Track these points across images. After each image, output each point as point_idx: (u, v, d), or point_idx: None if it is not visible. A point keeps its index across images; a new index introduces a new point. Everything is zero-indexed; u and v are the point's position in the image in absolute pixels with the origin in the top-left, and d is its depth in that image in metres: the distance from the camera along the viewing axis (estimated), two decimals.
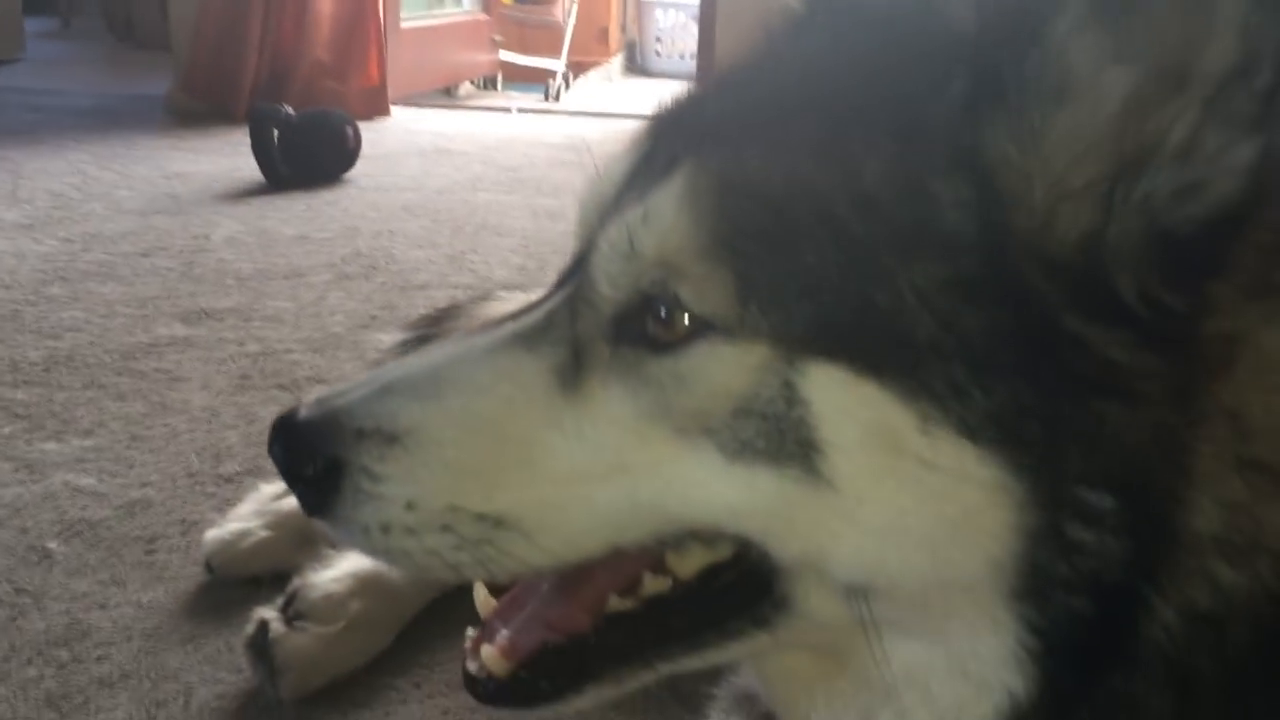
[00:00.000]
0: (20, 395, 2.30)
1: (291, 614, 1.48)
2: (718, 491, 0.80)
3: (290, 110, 4.31)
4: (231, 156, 4.71)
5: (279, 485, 1.82)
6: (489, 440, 0.85)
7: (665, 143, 0.87)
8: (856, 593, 0.81)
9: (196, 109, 5.65)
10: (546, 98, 7.94)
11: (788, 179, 0.79)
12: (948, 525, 0.76)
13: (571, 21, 8.32)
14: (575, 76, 8.55)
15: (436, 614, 1.64)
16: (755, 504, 0.80)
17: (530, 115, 6.86)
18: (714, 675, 1.32)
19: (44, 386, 2.36)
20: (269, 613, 1.48)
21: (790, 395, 0.77)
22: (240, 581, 1.68)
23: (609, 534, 0.84)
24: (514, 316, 0.92)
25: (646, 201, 0.83)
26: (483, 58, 7.78)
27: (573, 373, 0.86)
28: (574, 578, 0.91)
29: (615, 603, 0.89)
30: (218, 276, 3.17)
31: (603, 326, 0.86)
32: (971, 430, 0.74)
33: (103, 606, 1.62)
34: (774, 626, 0.85)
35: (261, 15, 5.63)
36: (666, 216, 0.81)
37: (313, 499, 0.88)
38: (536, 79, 8.14)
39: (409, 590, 1.59)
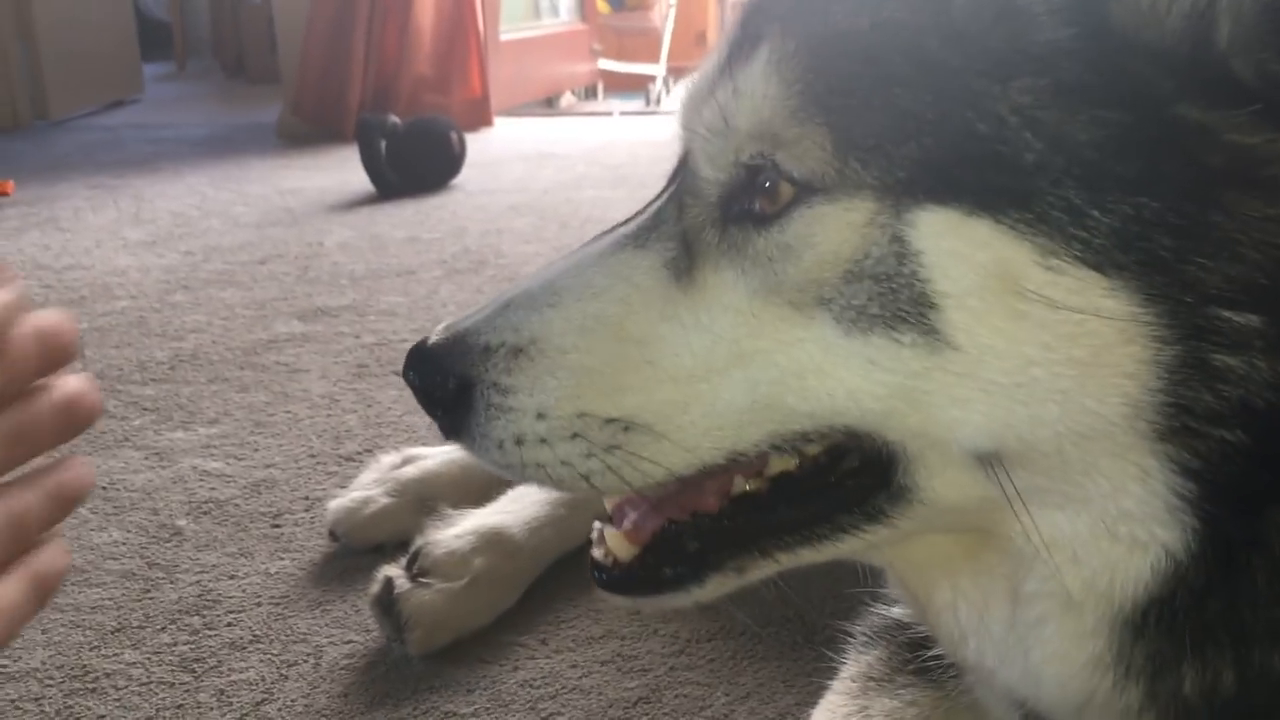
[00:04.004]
0: (148, 391, 2.35)
1: (416, 571, 1.47)
2: (838, 377, 0.78)
3: (396, 120, 4.37)
4: (341, 171, 4.79)
5: (397, 455, 1.83)
6: (610, 341, 0.85)
7: (752, 26, 0.85)
8: (990, 462, 0.76)
9: (306, 131, 5.79)
10: (647, 103, 7.96)
11: (874, 26, 0.76)
12: (1077, 369, 0.71)
13: (669, 26, 8.33)
14: (675, 81, 8.55)
15: (560, 575, 1.61)
16: (875, 384, 0.77)
17: (632, 118, 6.87)
18: (850, 611, 1.27)
19: (170, 383, 2.40)
20: (394, 570, 1.47)
21: (901, 250, 0.74)
22: (364, 550, 1.68)
23: (728, 436, 0.82)
24: (624, 222, 0.91)
25: (736, 78, 0.82)
26: (582, 67, 7.83)
27: (684, 265, 0.85)
28: None
29: (741, 483, 0.88)
30: (332, 278, 3.21)
31: (709, 213, 0.85)
32: (1096, 257, 0.70)
33: (232, 577, 1.64)
34: (891, 519, 0.83)
35: (365, 35, 5.74)
36: (756, 87, 0.80)
37: (449, 421, 0.90)
38: (637, 86, 8.18)
39: (531, 548, 1.56)
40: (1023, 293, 0.72)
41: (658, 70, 8.08)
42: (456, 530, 1.53)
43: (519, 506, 1.62)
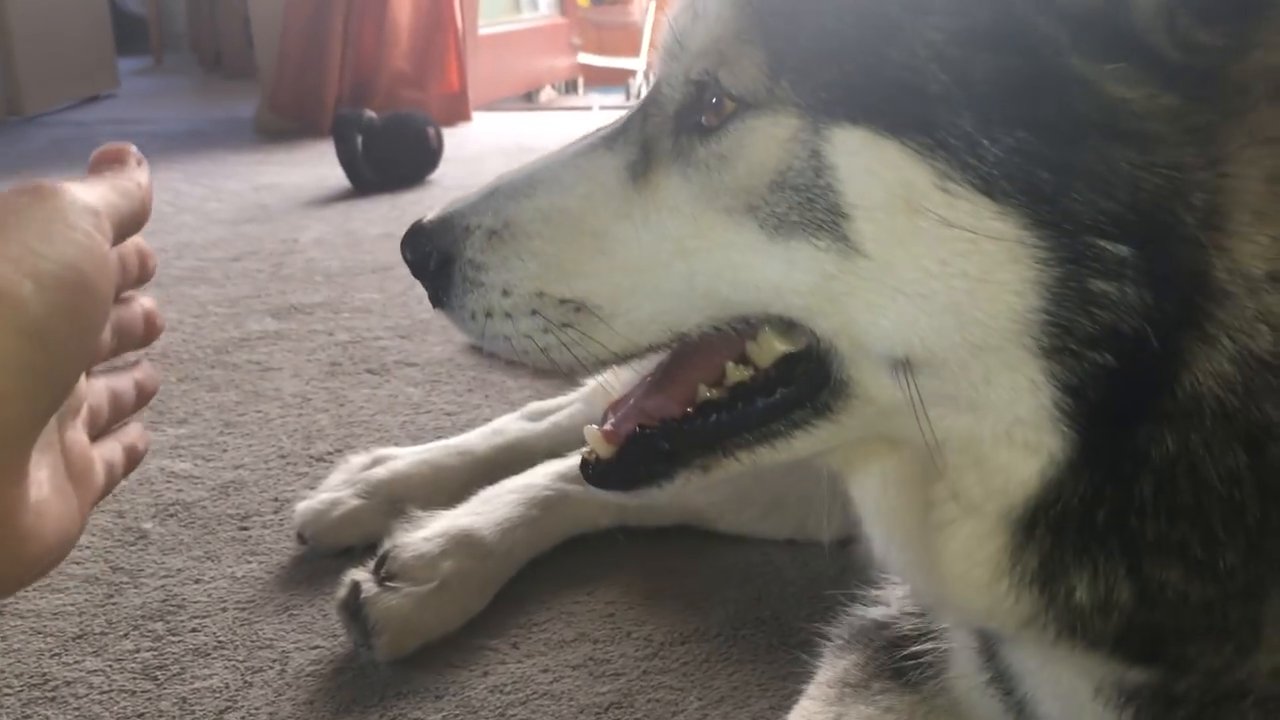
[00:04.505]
0: None
1: (383, 575, 1.44)
2: (763, 274, 0.85)
3: (373, 115, 4.32)
4: (318, 167, 4.75)
5: (367, 456, 1.80)
6: (570, 232, 0.94)
7: None
8: (901, 368, 0.82)
9: (283, 126, 5.73)
10: (628, 98, 7.92)
11: None
12: (970, 284, 0.77)
13: (650, 20, 8.27)
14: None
15: (531, 579, 1.59)
16: (796, 280, 0.84)
17: (612, 112, 6.83)
18: (826, 612, 1.25)
19: None
20: (361, 574, 1.44)
21: (818, 164, 0.81)
22: (333, 553, 1.65)
23: (672, 320, 0.91)
24: (605, 125, 1.00)
25: (695, 4, 0.89)
26: (562, 61, 7.79)
27: (642, 168, 0.94)
28: (671, 373, 1.00)
29: (704, 392, 0.96)
30: (306, 275, 3.17)
31: (666, 123, 0.93)
32: (987, 184, 0.75)
33: (197, 581, 1.60)
34: (836, 413, 0.90)
35: (342, 31, 5.70)
36: (710, 10, 0.87)
37: (433, 290, 1.00)
38: (617, 80, 8.14)
39: (502, 550, 1.54)
40: (922, 210, 0.78)
41: (638, 64, 8.03)
42: (426, 533, 1.51)
43: (490, 508, 1.59)
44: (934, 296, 0.79)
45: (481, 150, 5.25)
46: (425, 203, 4.10)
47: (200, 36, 9.40)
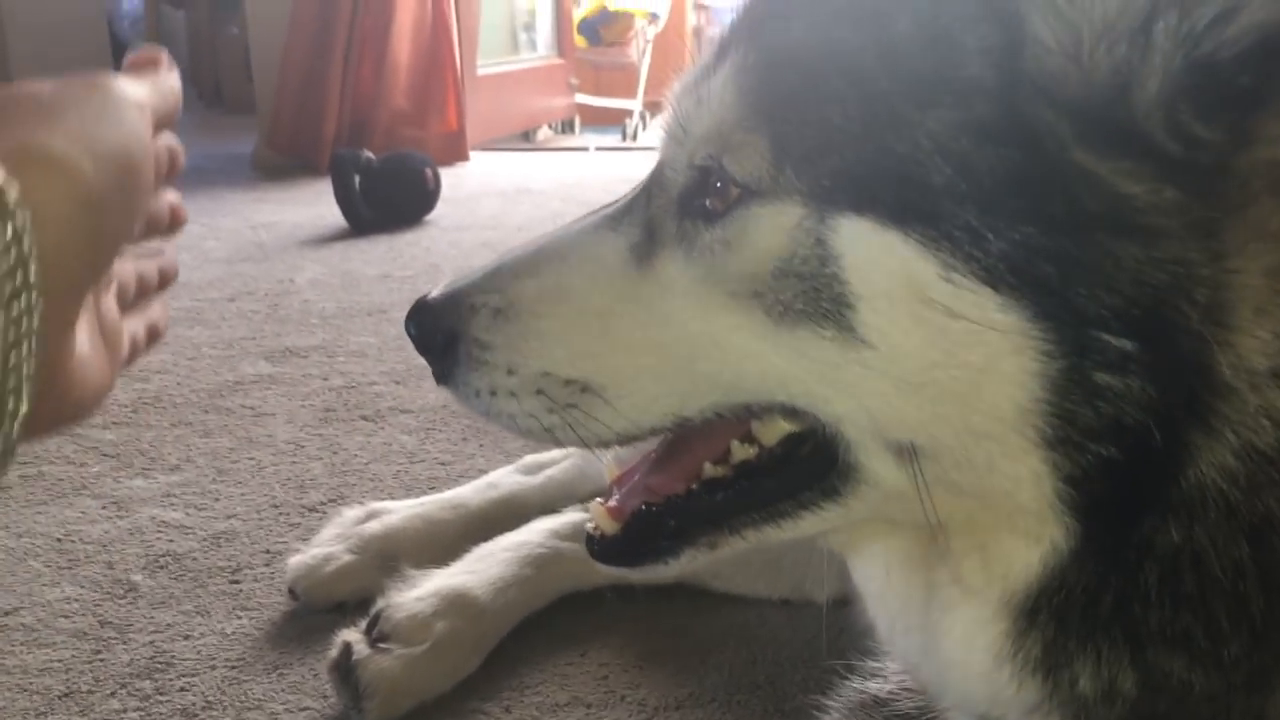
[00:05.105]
0: (109, 436, 2.30)
1: (376, 635, 1.42)
2: (770, 361, 0.85)
3: (371, 155, 4.34)
4: (315, 205, 4.76)
5: (361, 509, 1.78)
6: (575, 312, 0.94)
7: (728, 38, 0.91)
8: (906, 454, 0.82)
9: (282, 163, 5.75)
10: (624, 138, 7.96)
11: (823, 43, 0.82)
12: (974, 374, 0.77)
13: (646, 61, 8.34)
14: (652, 116, 8.56)
15: (524, 638, 1.57)
16: (801, 369, 0.83)
17: (609, 154, 6.86)
18: (822, 679, 1.24)
19: (132, 426, 2.35)
20: (353, 635, 1.43)
21: (823, 253, 0.80)
22: (325, 609, 1.63)
23: (673, 404, 0.91)
24: (611, 203, 1.00)
25: (699, 90, 0.89)
26: (560, 101, 7.83)
27: (645, 250, 0.93)
28: (676, 450, 0.99)
29: (709, 469, 0.96)
30: (302, 316, 3.17)
31: (670, 206, 0.92)
32: (990, 276, 0.75)
33: (187, 637, 1.59)
34: (844, 496, 0.89)
35: (341, 68, 5.72)
36: (714, 95, 0.87)
37: (438, 368, 1.00)
38: (614, 120, 8.18)
39: (495, 610, 1.52)
40: (927, 301, 0.77)
41: (635, 105, 8.08)
42: (419, 592, 1.49)
43: (484, 566, 1.57)
44: (938, 386, 0.78)
45: (479, 190, 5.26)
46: (423, 244, 4.11)
47: (201, 70, 9.44)
